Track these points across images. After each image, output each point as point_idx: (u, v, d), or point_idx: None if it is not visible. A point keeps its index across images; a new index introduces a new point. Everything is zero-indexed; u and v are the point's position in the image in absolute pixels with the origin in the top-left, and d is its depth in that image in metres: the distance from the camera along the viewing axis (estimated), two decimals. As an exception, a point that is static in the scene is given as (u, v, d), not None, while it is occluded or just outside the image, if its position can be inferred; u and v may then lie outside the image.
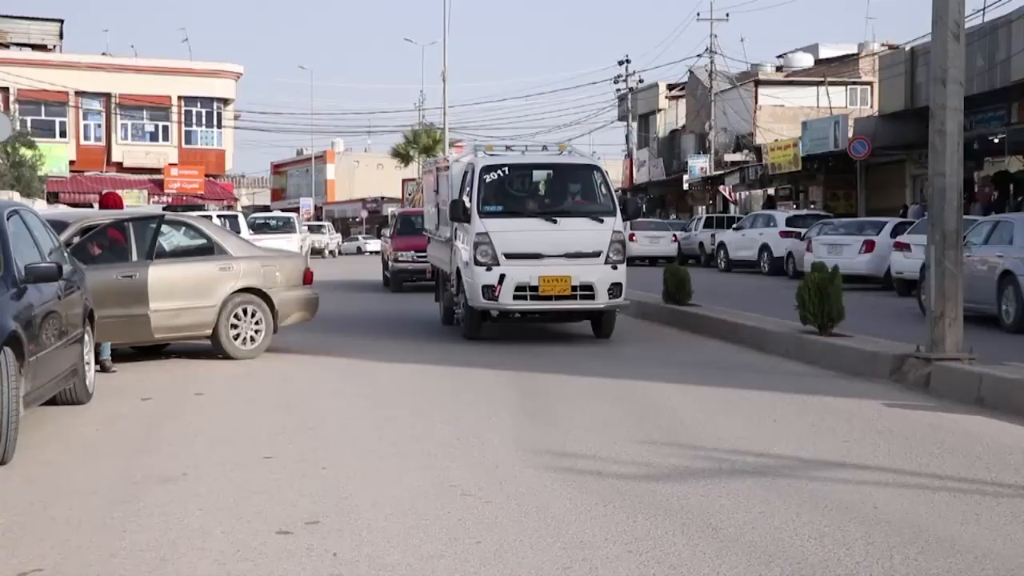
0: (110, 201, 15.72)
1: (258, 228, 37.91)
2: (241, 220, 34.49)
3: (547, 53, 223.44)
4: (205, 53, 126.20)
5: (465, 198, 15.01)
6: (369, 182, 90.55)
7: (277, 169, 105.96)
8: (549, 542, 5.79)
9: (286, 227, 40.76)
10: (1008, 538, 5.85)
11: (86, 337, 10.24)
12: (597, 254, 14.57)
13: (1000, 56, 28.33)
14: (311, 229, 57.24)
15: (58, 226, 11.81)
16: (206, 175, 55.18)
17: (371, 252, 69.63)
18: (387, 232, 30.54)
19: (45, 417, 9.33)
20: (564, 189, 15.89)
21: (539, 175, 15.92)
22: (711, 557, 5.54)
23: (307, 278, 14.39)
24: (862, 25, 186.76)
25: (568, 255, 14.52)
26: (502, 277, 14.38)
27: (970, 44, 22.05)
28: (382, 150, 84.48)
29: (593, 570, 5.36)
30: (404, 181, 75.48)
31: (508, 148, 16.69)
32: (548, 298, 14.44)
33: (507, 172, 15.36)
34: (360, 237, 77.72)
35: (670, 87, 62.99)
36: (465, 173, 15.54)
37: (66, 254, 10.50)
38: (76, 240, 12.67)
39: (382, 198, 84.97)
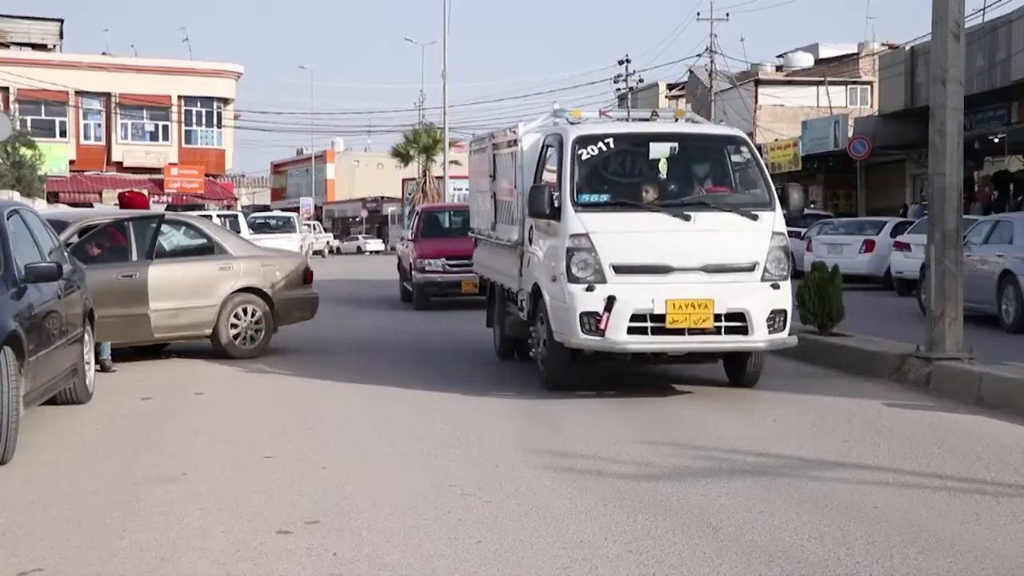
0: (137, 201, 15.79)
1: (258, 228, 37.93)
2: (241, 220, 34.53)
3: (547, 53, 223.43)
4: (205, 53, 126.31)
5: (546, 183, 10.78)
6: (369, 182, 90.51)
7: (277, 169, 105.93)
8: (549, 542, 5.79)
9: (286, 227, 40.76)
10: (1008, 538, 5.85)
11: (86, 337, 10.24)
12: (751, 267, 10.11)
13: (1000, 56, 28.31)
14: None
15: (58, 226, 11.81)
16: (206, 175, 55.16)
17: (371, 252, 69.68)
18: (406, 234, 24.19)
19: (45, 417, 9.33)
20: (693, 171, 11.31)
21: (659, 150, 11.07)
22: (711, 556, 5.53)
23: (307, 278, 14.40)
24: (862, 25, 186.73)
25: (708, 268, 10.00)
26: (611, 301, 9.78)
27: (970, 44, 22.02)
28: (382, 150, 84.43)
29: (593, 570, 5.36)
30: (404, 181, 75.46)
31: (601, 114, 12.33)
32: (679, 332, 9.86)
33: (611, 146, 10.75)
34: (360, 237, 77.71)
35: (670, 87, 62.95)
36: (544, 149, 11.22)
37: (66, 254, 10.50)
38: (76, 240, 12.68)
39: (382, 198, 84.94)
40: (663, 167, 11.12)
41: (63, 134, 53.39)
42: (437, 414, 9.66)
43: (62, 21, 57.90)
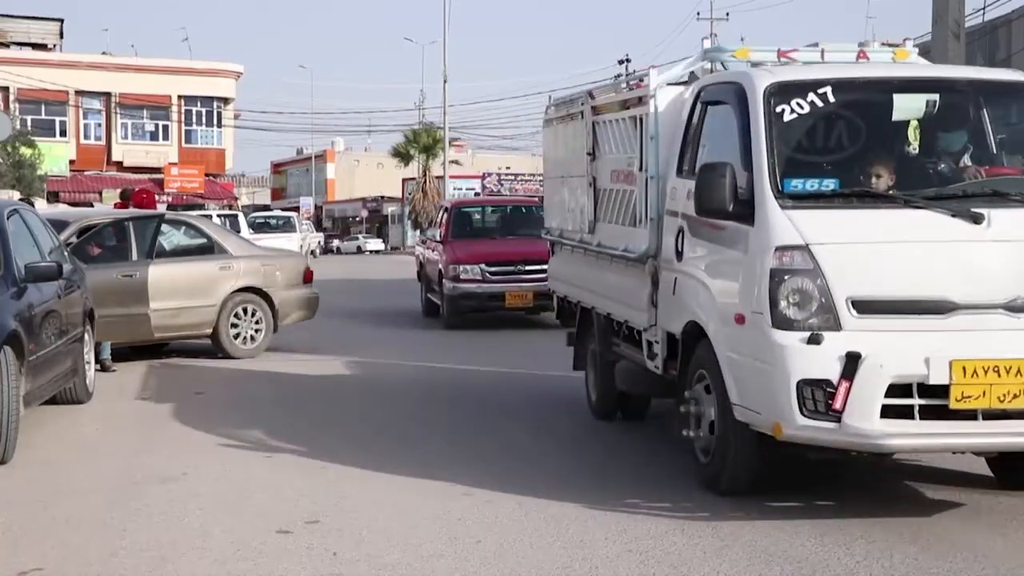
0: (148, 201, 15.80)
1: (258, 227, 37.91)
2: (241, 219, 34.51)
3: (547, 53, 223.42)
4: (205, 53, 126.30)
5: (691, 160, 7.27)
6: (369, 181, 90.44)
7: (277, 168, 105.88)
8: (549, 541, 5.79)
9: (286, 226, 40.73)
10: (1008, 538, 5.85)
11: (86, 336, 10.24)
12: None
13: (1000, 56, 28.31)
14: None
15: (58, 226, 11.81)
16: (206, 174, 55.14)
17: (371, 251, 69.66)
18: (433, 234, 19.54)
19: (45, 417, 9.33)
20: (953, 142, 6.97)
21: (908, 107, 6.84)
22: (711, 556, 5.53)
23: (307, 277, 14.40)
24: (862, 24, 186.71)
25: (1019, 305, 6.00)
26: (853, 361, 5.88)
27: (970, 43, 22.02)
28: (382, 149, 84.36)
29: (593, 569, 5.35)
30: (404, 181, 75.43)
31: (781, 55, 7.90)
32: (968, 416, 5.86)
33: (832, 100, 6.78)
34: (360, 236, 77.70)
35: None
36: (698, 109, 7.54)
37: (66, 253, 10.51)
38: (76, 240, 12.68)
39: (382, 197, 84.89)
40: (912, 135, 6.92)
41: (63, 134, 53.38)
42: (438, 413, 9.67)
43: (62, 21, 57.92)
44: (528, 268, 16.27)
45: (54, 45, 56.54)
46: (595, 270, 8.82)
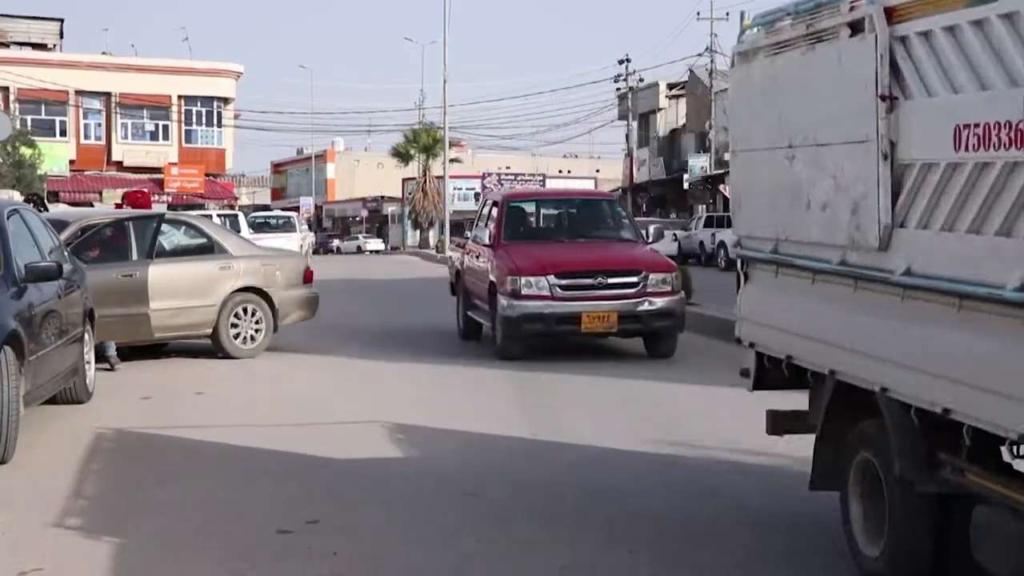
0: (142, 201, 15.81)
1: (258, 227, 37.86)
2: (241, 219, 34.48)
3: (547, 53, 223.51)
4: (205, 52, 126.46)
5: None
6: (369, 181, 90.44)
7: (277, 168, 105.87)
8: (550, 541, 5.79)
9: (286, 226, 40.70)
10: (1008, 537, 5.84)
11: (86, 336, 10.24)
12: None
13: (1000, 55, 28.29)
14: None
15: (58, 226, 11.81)
16: (206, 174, 55.14)
17: (371, 251, 69.63)
18: (479, 235, 14.84)
19: (45, 416, 9.33)
20: None
21: None
22: (711, 556, 5.53)
23: (307, 277, 14.38)
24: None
25: None
26: None
27: (970, 43, 22.02)
28: (382, 149, 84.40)
29: (593, 569, 5.35)
30: (404, 180, 75.45)
31: None
32: None
33: None
34: (360, 236, 77.71)
35: (670, 86, 62.95)
36: None
37: (66, 253, 10.50)
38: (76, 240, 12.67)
39: (382, 197, 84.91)
40: None
41: (63, 134, 53.38)
42: (438, 412, 9.65)
43: (62, 21, 57.94)
44: (611, 282, 12.72)
45: (54, 45, 56.55)
46: (889, 319, 4.76)
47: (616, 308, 12.61)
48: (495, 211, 14.41)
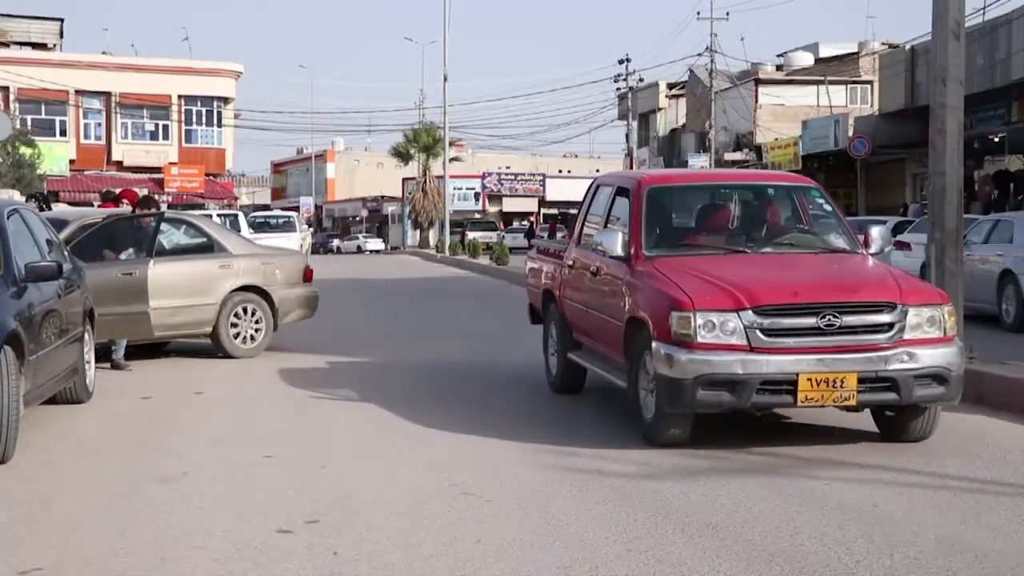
0: (129, 197, 15.78)
1: (258, 227, 37.88)
2: (241, 219, 34.49)
3: (547, 53, 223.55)
4: (205, 52, 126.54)
5: None
6: (369, 181, 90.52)
7: (277, 168, 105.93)
8: (549, 541, 5.79)
9: (286, 226, 40.70)
10: (1008, 538, 5.85)
11: (86, 336, 10.24)
12: None
13: (1000, 55, 28.30)
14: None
15: (58, 225, 11.81)
16: (206, 174, 55.18)
17: (371, 251, 69.64)
18: (601, 240, 9.19)
19: (45, 416, 9.32)
20: None
21: None
22: (711, 556, 5.53)
23: (307, 276, 14.39)
24: (862, 24, 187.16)
25: None
26: None
27: (970, 43, 22.03)
28: (382, 149, 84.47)
29: (593, 569, 5.35)
30: (404, 180, 75.46)
31: None
32: None
33: None
34: (360, 236, 77.72)
35: (670, 86, 62.98)
36: None
37: (66, 252, 10.51)
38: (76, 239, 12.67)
39: (382, 197, 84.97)
40: None
41: (63, 133, 53.42)
42: (438, 412, 9.65)
43: (62, 20, 57.97)
44: (847, 322, 7.72)
45: (54, 45, 56.57)
46: None
47: (856, 367, 7.62)
48: (623, 204, 9.48)
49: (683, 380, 7.61)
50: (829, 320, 7.66)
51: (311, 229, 66.35)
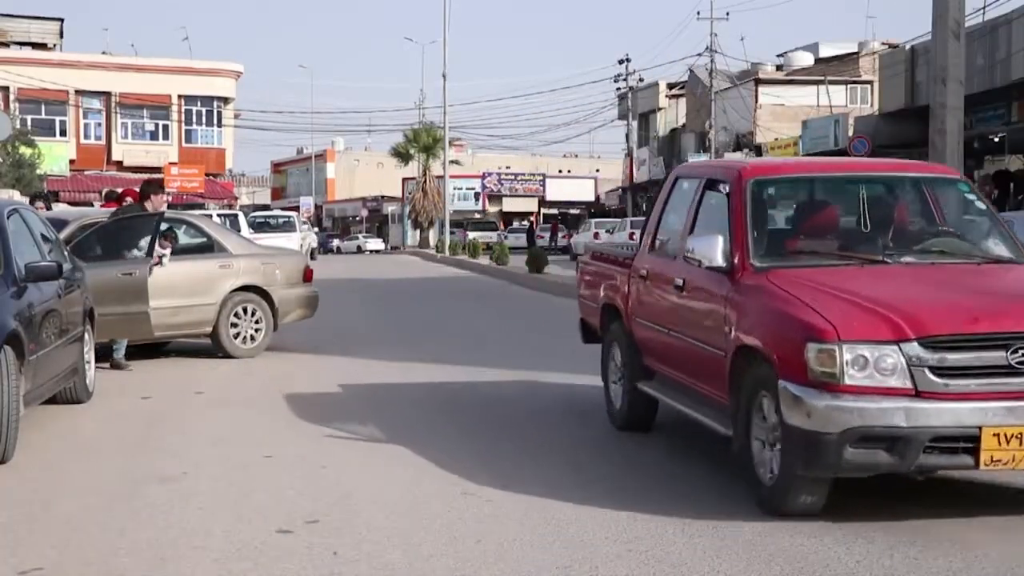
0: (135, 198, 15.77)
1: (258, 227, 37.89)
2: (241, 219, 34.50)
3: (547, 53, 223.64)
4: (205, 52, 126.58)
5: None
6: (369, 181, 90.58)
7: (277, 168, 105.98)
8: (549, 541, 5.79)
9: (286, 226, 40.70)
10: (1008, 538, 5.84)
11: (86, 336, 10.24)
12: None
13: (1000, 55, 28.31)
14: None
15: (58, 225, 11.81)
16: (206, 174, 55.16)
17: (371, 251, 69.63)
18: (694, 247, 7.16)
19: (45, 416, 9.33)
20: None
21: None
22: (711, 556, 5.53)
23: (307, 276, 14.39)
24: (862, 24, 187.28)
25: None
26: None
27: (970, 43, 22.01)
28: (382, 149, 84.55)
29: (593, 569, 5.35)
30: (404, 180, 75.48)
31: None
32: None
33: None
34: (360, 236, 77.74)
35: (670, 86, 63.01)
36: None
37: (66, 252, 10.51)
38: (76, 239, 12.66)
39: (382, 197, 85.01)
40: None
41: (63, 133, 53.43)
42: (438, 412, 9.66)
43: (62, 20, 57.97)
44: None
45: (54, 45, 56.59)
46: None
47: None
48: (715, 201, 7.58)
49: (825, 435, 5.77)
50: (1021, 356, 5.79)
51: (316, 230, 66.20)
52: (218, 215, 31.57)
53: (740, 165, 7.79)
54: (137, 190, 14.68)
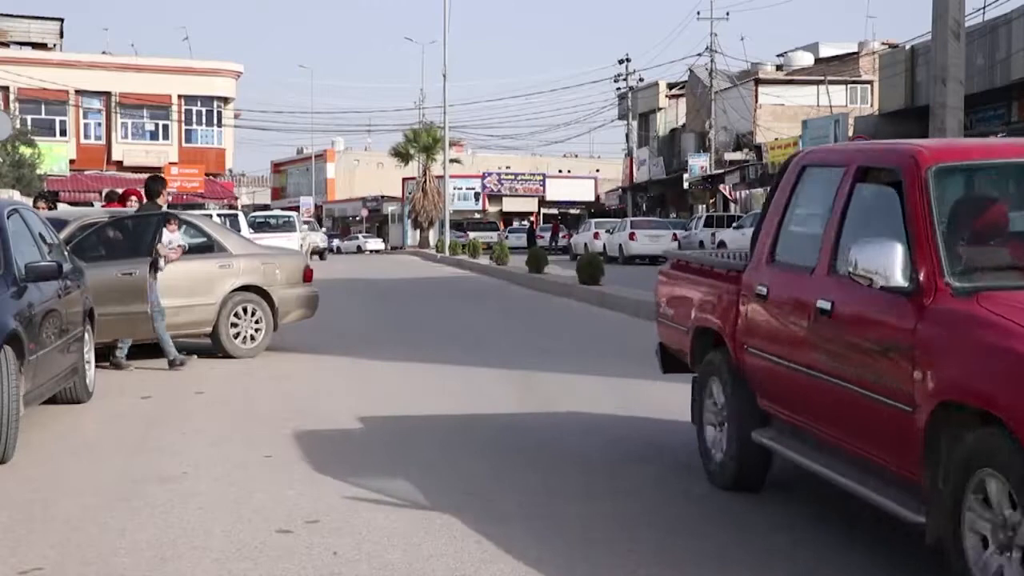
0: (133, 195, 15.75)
1: (258, 227, 37.87)
2: (241, 219, 34.51)
3: (547, 53, 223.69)
4: (205, 52, 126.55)
5: None
6: (369, 181, 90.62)
7: (277, 168, 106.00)
8: (551, 541, 5.78)
9: (286, 226, 40.70)
10: None
11: (86, 336, 10.24)
12: None
13: (1000, 55, 28.33)
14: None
15: (58, 225, 11.81)
16: (206, 174, 55.18)
17: (371, 251, 69.63)
18: (861, 259, 5.11)
19: (45, 416, 9.32)
20: None
21: None
22: (712, 556, 5.53)
23: (307, 276, 14.39)
24: (862, 24, 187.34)
25: None
26: None
27: (970, 43, 22.04)
28: (382, 149, 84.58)
29: (594, 569, 5.35)
30: (404, 180, 75.51)
31: None
32: None
33: None
34: (360, 236, 77.76)
35: (670, 86, 63.07)
36: None
37: (66, 252, 10.51)
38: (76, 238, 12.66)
39: (382, 197, 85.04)
40: None
41: (63, 133, 53.45)
42: (438, 412, 9.65)
43: (62, 20, 58.02)
44: None
45: (54, 45, 56.62)
46: None
47: None
48: (875, 196, 5.85)
49: None
50: None
51: (324, 229, 65.77)
52: (218, 215, 31.56)
53: (914, 148, 5.59)
54: (140, 189, 14.68)
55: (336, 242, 74.37)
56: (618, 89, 65.15)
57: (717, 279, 7.10)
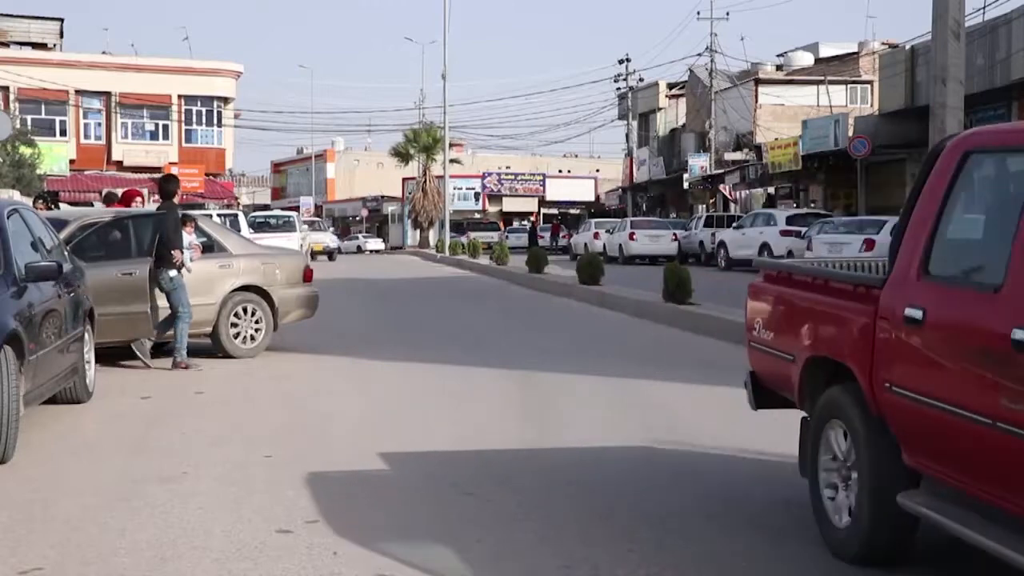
0: (133, 196, 15.79)
1: (258, 227, 37.84)
2: (241, 219, 34.50)
3: (547, 53, 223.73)
4: (205, 52, 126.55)
5: None
6: (369, 181, 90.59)
7: (277, 168, 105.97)
8: (550, 541, 5.78)
9: (286, 226, 40.70)
10: (1008, 537, 5.83)
11: (86, 336, 10.24)
12: None
13: (1000, 55, 28.33)
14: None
15: (58, 225, 11.80)
16: (206, 174, 55.15)
17: (371, 251, 69.60)
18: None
19: (45, 416, 9.33)
20: None
21: None
22: (712, 557, 5.53)
23: (307, 276, 14.39)
24: (862, 24, 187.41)
25: None
26: None
27: (970, 43, 22.05)
28: (382, 149, 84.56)
29: (594, 569, 5.35)
30: (404, 180, 75.49)
31: None
32: None
33: None
34: (360, 236, 77.75)
35: (670, 86, 63.04)
36: None
37: (66, 252, 10.51)
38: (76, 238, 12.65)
39: (382, 197, 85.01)
40: None
41: (63, 133, 53.42)
42: (438, 412, 9.65)
43: (62, 20, 57.98)
44: None
45: (54, 45, 56.59)
46: None
47: None
48: None
49: None
50: None
51: (331, 229, 65.27)
52: (218, 215, 31.55)
53: None
54: (142, 191, 14.71)
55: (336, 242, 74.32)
56: (618, 89, 65.15)
57: (839, 297, 5.55)
